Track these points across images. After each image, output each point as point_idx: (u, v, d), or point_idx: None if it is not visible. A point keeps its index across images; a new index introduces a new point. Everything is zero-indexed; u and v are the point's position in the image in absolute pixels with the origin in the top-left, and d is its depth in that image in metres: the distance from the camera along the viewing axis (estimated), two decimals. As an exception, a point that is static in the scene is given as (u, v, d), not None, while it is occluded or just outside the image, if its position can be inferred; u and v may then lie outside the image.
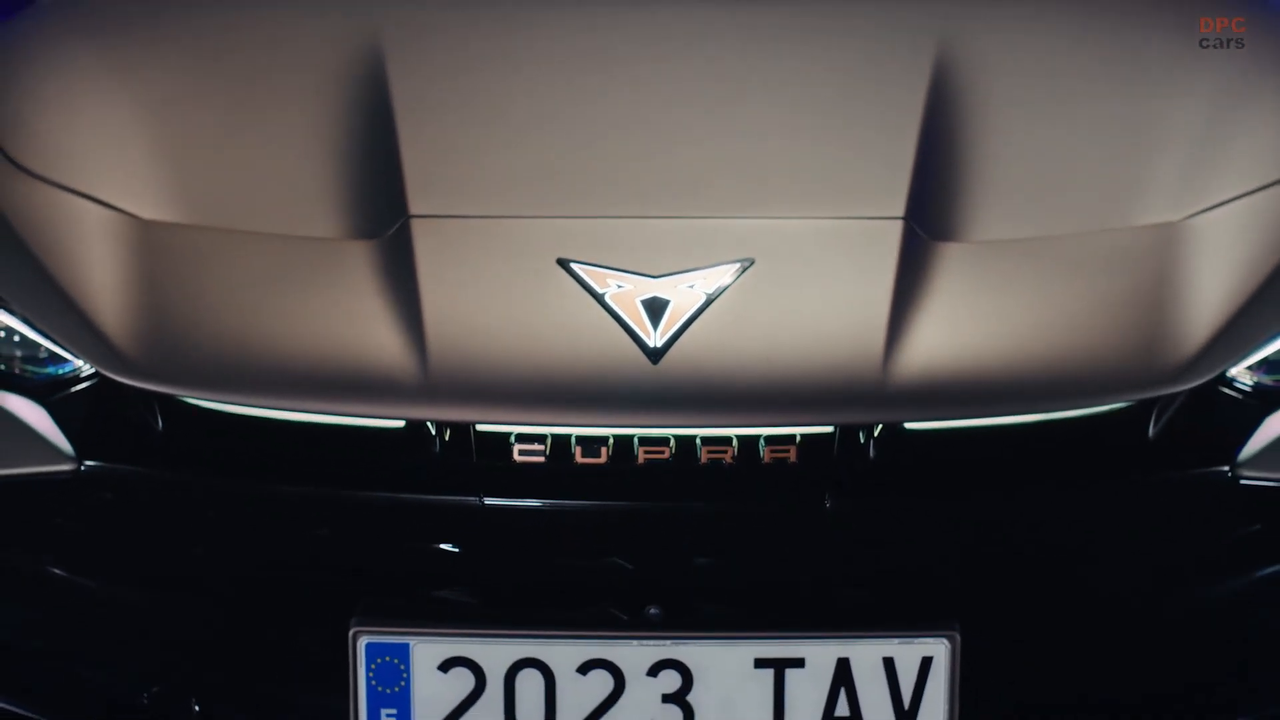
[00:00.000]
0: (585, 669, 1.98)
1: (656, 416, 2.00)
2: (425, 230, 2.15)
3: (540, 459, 2.02)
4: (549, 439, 2.02)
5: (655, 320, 2.03)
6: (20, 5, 2.97)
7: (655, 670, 1.98)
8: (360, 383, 2.02)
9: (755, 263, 2.10)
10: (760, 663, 1.98)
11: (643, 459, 2.02)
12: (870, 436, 2.02)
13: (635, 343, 2.02)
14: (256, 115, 2.45)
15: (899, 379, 2.00)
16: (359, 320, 2.06)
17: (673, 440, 2.02)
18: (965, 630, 1.98)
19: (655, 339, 2.02)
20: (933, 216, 2.19)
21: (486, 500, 2.01)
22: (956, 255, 2.14)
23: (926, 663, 1.98)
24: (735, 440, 2.02)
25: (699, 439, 2.02)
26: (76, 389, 2.13)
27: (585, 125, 2.39)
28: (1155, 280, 2.14)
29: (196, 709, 2.11)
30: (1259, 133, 2.41)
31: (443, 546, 2.04)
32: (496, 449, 2.03)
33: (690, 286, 2.07)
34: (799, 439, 2.02)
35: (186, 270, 2.16)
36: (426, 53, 2.58)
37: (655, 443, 2.02)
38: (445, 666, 1.98)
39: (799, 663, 1.98)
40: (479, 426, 2.02)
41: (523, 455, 2.03)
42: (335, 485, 2.04)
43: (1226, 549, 2.10)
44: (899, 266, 2.10)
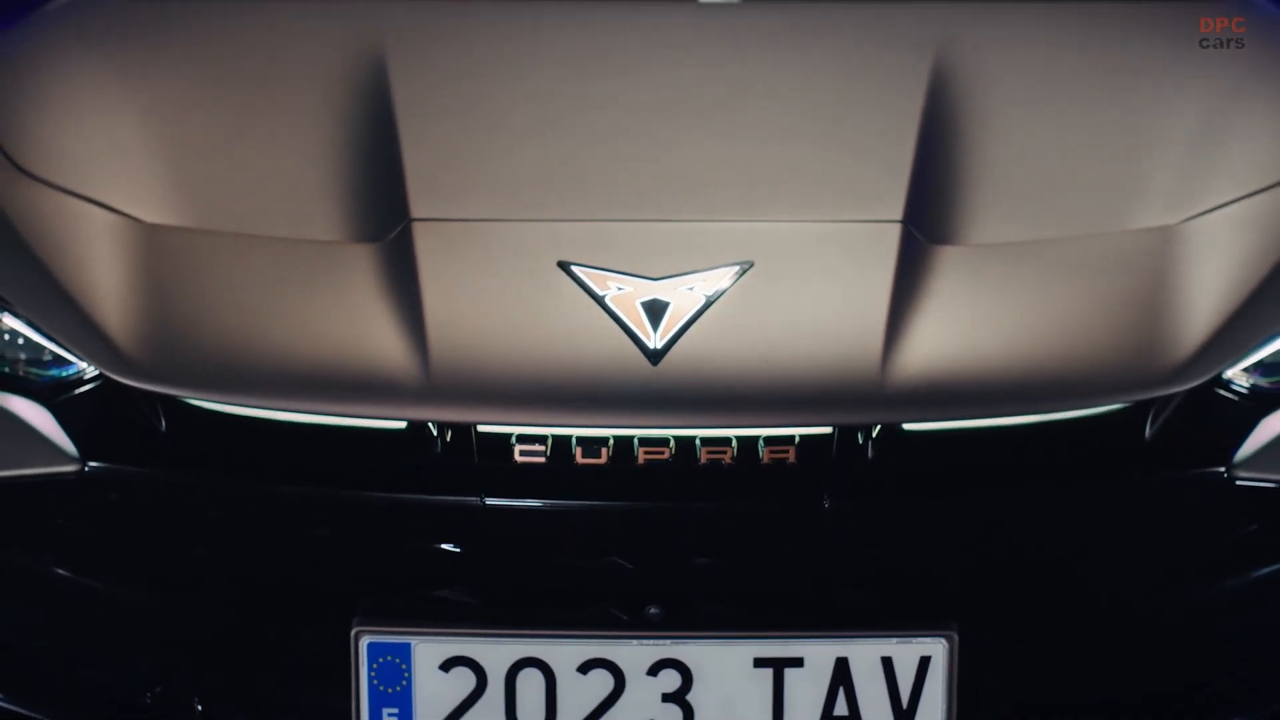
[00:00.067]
0: (585, 668, 1.98)
1: (656, 417, 2.01)
2: (427, 233, 2.16)
3: (541, 460, 2.03)
4: (550, 440, 2.03)
5: (655, 322, 2.04)
6: (24, 12, 2.98)
7: (655, 670, 1.99)
8: (362, 384, 2.02)
9: (754, 265, 2.11)
10: (759, 662, 1.99)
11: (643, 460, 2.02)
12: (869, 437, 2.03)
13: (635, 344, 2.03)
14: (259, 120, 2.46)
15: (897, 380, 2.01)
16: (361, 322, 2.07)
17: (672, 441, 2.03)
18: (963, 630, 1.99)
19: (655, 341, 2.03)
20: (930, 220, 2.19)
21: (487, 500, 2.02)
22: (954, 258, 2.15)
23: (925, 662, 1.99)
24: (734, 441, 2.03)
25: (698, 440, 2.03)
26: (80, 391, 2.13)
27: (585, 129, 2.40)
28: (1152, 283, 2.15)
29: (199, 709, 2.12)
30: (1256, 136, 2.42)
31: (444, 547, 2.04)
32: (497, 450, 2.04)
33: (690, 289, 2.08)
34: (798, 440, 2.03)
35: (189, 273, 2.17)
36: (428, 58, 2.60)
37: (655, 443, 2.02)
38: (446, 666, 1.99)
39: (798, 662, 1.99)
40: (480, 427, 2.03)
41: (523, 456, 2.03)
42: (337, 486, 2.04)
43: (1223, 549, 2.11)
44: (897, 269, 2.11)
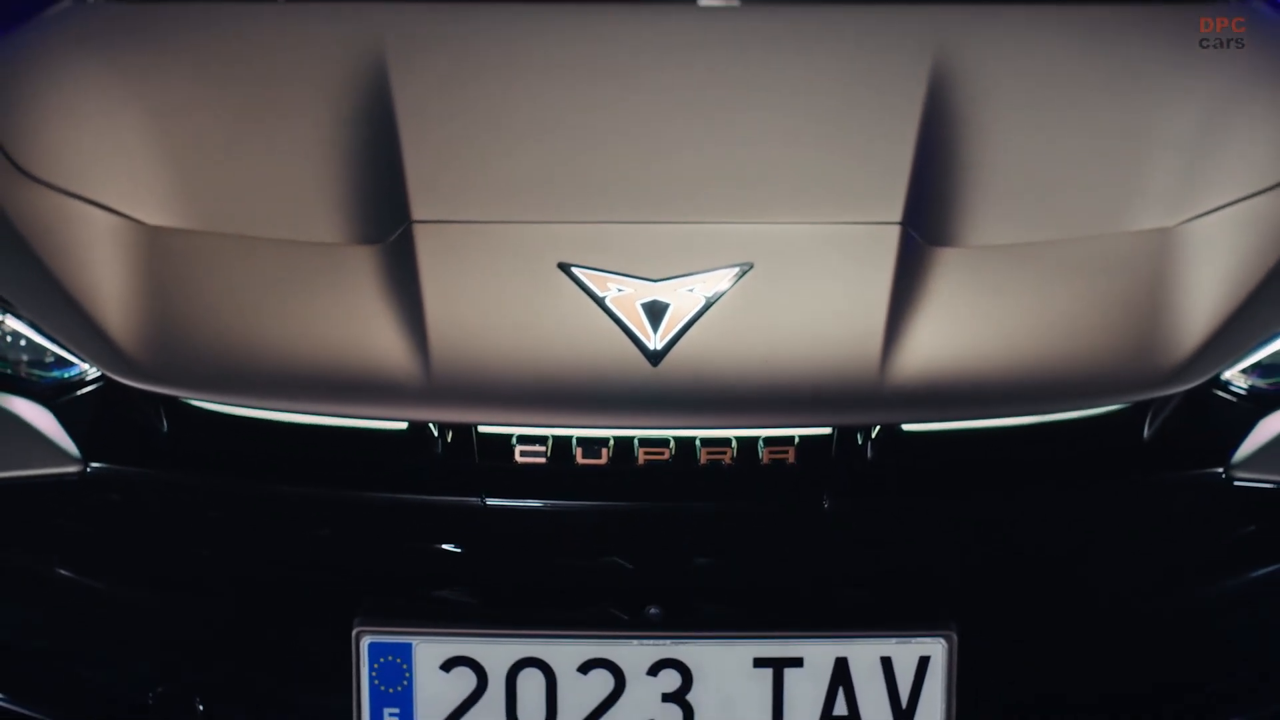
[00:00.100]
0: (586, 668, 1.99)
1: (656, 418, 2.01)
2: (427, 235, 2.17)
3: (541, 460, 2.03)
4: (550, 440, 2.03)
5: (655, 323, 2.05)
6: (26, 15, 2.99)
7: (655, 670, 1.99)
8: (364, 385, 2.03)
9: (754, 267, 2.11)
10: (759, 662, 1.99)
11: (643, 460, 2.03)
12: (868, 438, 2.03)
13: (635, 345, 2.03)
14: (260, 122, 2.47)
15: (896, 381, 2.01)
16: (362, 323, 2.07)
17: (672, 441, 2.03)
18: (962, 630, 1.99)
19: (655, 342, 2.03)
20: (930, 221, 2.20)
21: (488, 501, 2.02)
22: (953, 260, 2.15)
23: (924, 662, 1.99)
24: (734, 441, 2.03)
25: (698, 440, 2.03)
26: (82, 392, 2.14)
27: (586, 132, 2.41)
28: (1150, 284, 2.15)
29: (200, 709, 2.12)
30: (1254, 138, 2.43)
31: (445, 547, 2.05)
32: (498, 450, 2.04)
33: (690, 290, 2.08)
34: (797, 440, 2.04)
35: (191, 274, 2.17)
36: (429, 61, 2.61)
37: (655, 444, 2.03)
38: (447, 666, 1.99)
39: (797, 662, 1.99)
40: (481, 428, 2.03)
41: (524, 456, 2.04)
42: (339, 486, 2.05)
43: (1221, 550, 2.11)
44: (896, 270, 2.11)
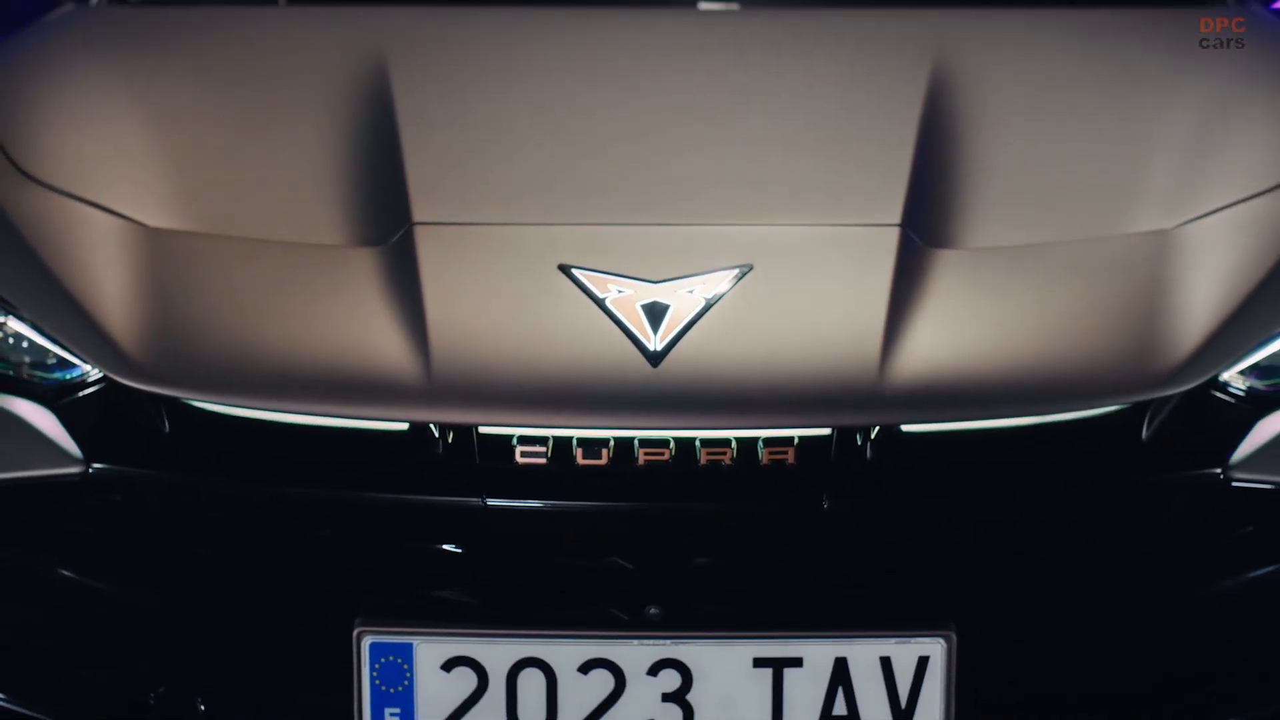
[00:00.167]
0: (586, 668, 1.99)
1: (656, 419, 2.02)
2: (428, 237, 2.17)
3: (542, 461, 2.04)
4: (550, 441, 2.04)
5: (655, 324, 2.05)
6: (28, 19, 3.00)
7: (655, 670, 1.99)
8: (365, 386, 2.03)
9: (754, 268, 2.12)
10: (759, 662, 1.99)
11: (643, 461, 2.03)
12: (867, 438, 2.04)
13: (636, 346, 2.03)
14: (262, 125, 2.47)
15: (895, 382, 2.02)
16: (363, 325, 2.08)
17: (672, 442, 2.03)
18: (961, 630, 2.00)
19: (655, 343, 2.04)
20: (929, 224, 2.21)
21: (489, 501, 2.03)
22: (952, 261, 2.16)
23: (923, 662, 1.99)
24: (734, 442, 2.04)
25: (698, 441, 2.04)
26: (84, 393, 2.14)
27: (586, 134, 2.41)
28: (1148, 286, 2.15)
29: (201, 709, 2.12)
30: (1252, 140, 2.43)
31: (446, 547, 2.05)
32: (499, 451, 2.04)
33: (690, 291, 2.09)
34: (797, 441, 2.04)
35: (193, 276, 2.17)
36: (429, 64, 2.62)
37: (655, 445, 2.03)
38: (448, 666, 2.00)
39: (797, 662, 1.99)
40: (481, 429, 2.04)
41: (525, 457, 2.04)
42: (340, 487, 2.05)
43: (1219, 550, 2.12)
44: (895, 272, 2.12)
